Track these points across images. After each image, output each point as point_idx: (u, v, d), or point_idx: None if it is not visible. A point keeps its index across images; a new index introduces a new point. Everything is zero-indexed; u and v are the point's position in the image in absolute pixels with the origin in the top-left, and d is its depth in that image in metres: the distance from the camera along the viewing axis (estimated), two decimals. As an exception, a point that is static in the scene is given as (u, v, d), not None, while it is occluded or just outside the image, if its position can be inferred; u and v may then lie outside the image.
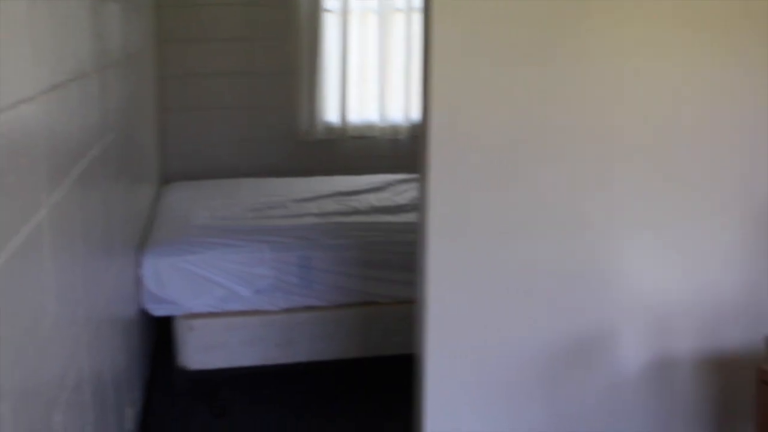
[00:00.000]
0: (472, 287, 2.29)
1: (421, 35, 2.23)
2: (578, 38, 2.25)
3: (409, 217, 3.74)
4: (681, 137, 2.36)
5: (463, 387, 2.34)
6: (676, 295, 2.44)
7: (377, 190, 4.50)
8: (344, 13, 5.10)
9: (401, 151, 5.18)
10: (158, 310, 3.47)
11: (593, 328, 2.40)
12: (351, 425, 3.40)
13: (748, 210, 2.44)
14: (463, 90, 2.19)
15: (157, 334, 3.84)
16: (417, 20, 4.97)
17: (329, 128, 5.29)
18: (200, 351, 3.51)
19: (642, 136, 2.33)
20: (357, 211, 4.07)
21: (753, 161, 2.41)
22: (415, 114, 5.17)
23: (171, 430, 3.34)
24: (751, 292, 2.49)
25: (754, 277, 2.48)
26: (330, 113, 5.28)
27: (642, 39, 2.28)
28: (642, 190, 2.36)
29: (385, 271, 3.61)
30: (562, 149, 2.29)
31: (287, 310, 3.59)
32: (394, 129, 5.32)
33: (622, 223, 2.36)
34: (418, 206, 2.34)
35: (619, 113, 2.31)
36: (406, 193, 4.33)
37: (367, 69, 5.27)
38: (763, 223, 2.45)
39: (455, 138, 2.20)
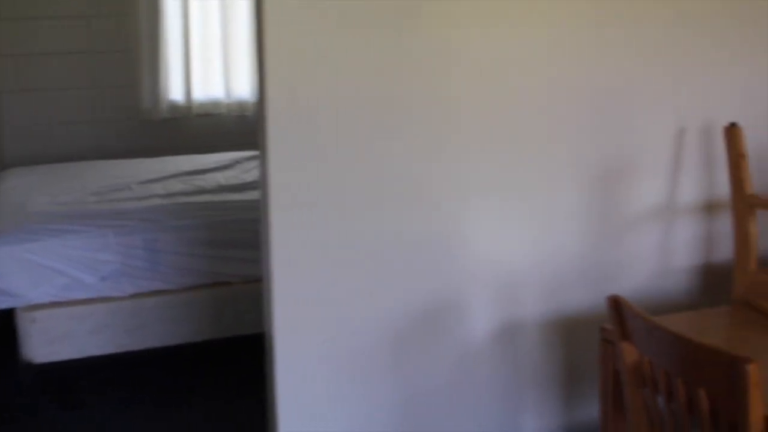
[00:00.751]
0: (318, 262, 2.27)
1: (253, 4, 2.19)
2: (415, 7, 2.24)
3: (256, 195, 3.68)
4: (521, 105, 2.39)
5: (313, 363, 2.33)
6: (521, 260, 2.48)
7: (224, 168, 4.43)
8: (185, -13, 4.97)
9: (248, 128, 5.09)
10: (-3, 303, 3.33)
11: (441, 297, 2.41)
12: (209, 407, 3.35)
13: (587, 175, 2.50)
14: (299, 62, 2.15)
15: (-1, 328, 3.69)
16: (259, -6, 4.88)
17: (174, 106, 5.16)
18: (45, 343, 3.38)
19: (483, 104, 2.35)
20: (204, 191, 3.99)
21: (588, 128, 2.47)
22: (262, 89, 5.09)
23: (22, 426, 3.22)
24: (592, 255, 2.56)
25: (594, 239, 2.55)
26: (174, 91, 5.15)
27: (481, 7, 2.30)
28: (484, 159, 2.38)
29: (234, 251, 3.56)
30: (403, 119, 2.28)
31: (135, 296, 3.50)
32: (241, 105, 5.23)
33: (465, 192, 2.38)
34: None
35: (460, 81, 2.32)
36: (254, 171, 4.27)
37: (211, 44, 5.15)
38: (600, 188, 2.52)
39: (293, 111, 2.17)
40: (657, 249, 2.63)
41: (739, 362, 1.69)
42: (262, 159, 2.24)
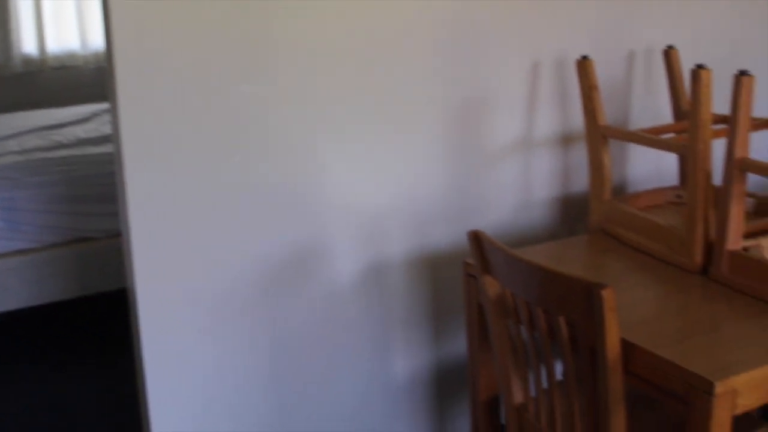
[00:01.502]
0: (177, 214, 2.22)
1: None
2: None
3: (116, 147, 3.59)
4: (376, 44, 2.38)
5: (178, 312, 2.29)
6: (384, 199, 2.49)
7: (82, 121, 4.30)
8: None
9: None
10: None
11: (305, 239, 2.41)
12: (81, 367, 3.28)
13: (446, 111, 2.51)
14: (147, 4, 2.08)
15: None
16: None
17: (27, 60, 4.96)
18: None
19: (338, 45, 2.33)
20: (62, 145, 3.87)
21: (444, 64, 2.48)
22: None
23: None
24: (454, 191, 2.59)
25: (455, 175, 2.58)
26: (27, 44, 4.95)
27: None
28: (342, 100, 2.37)
29: (95, 205, 3.47)
30: (259, 63, 2.24)
31: (-6, 257, 3.38)
32: (98, 57, 5.07)
33: (324, 134, 2.37)
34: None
35: (314, 23, 2.29)
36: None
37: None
38: (459, 124, 2.54)
39: (142, 58, 2.10)
40: (517, 182, 2.68)
41: (594, 288, 1.74)
42: (113, 110, 2.17)
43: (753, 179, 2.89)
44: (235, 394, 2.41)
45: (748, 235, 2.24)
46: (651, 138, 2.35)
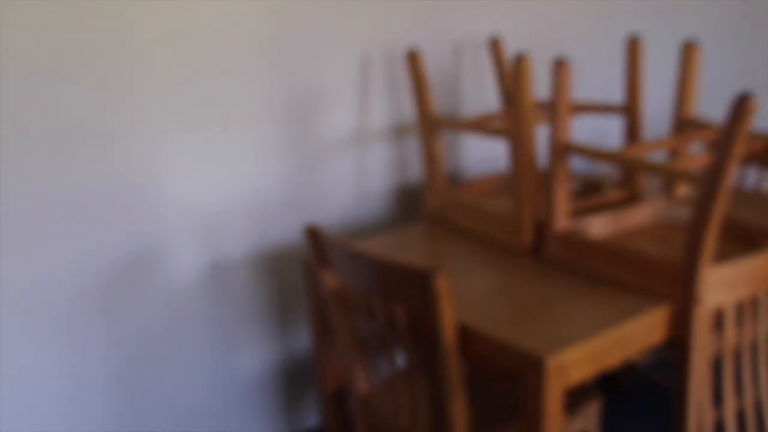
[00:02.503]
0: (8, 219, 2.14)
1: None
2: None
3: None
4: (208, 37, 2.35)
5: (21, 324, 2.21)
6: (222, 196, 2.47)
7: None
8: None
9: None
10: None
11: (144, 240, 2.36)
12: None
13: (280, 105, 2.51)
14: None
15: None
16: None
17: None
18: None
19: (168, 40, 2.29)
20: None
21: (277, 58, 2.47)
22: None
23: None
24: (292, 185, 2.59)
25: (293, 170, 2.58)
26: None
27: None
28: (174, 97, 2.33)
29: None
30: (85, 65, 2.18)
31: None
32: None
33: (157, 135, 2.33)
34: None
35: (141, 18, 2.24)
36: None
37: None
38: (294, 118, 2.54)
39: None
40: (355, 174, 2.71)
41: (427, 276, 1.78)
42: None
43: (581, 161, 3.02)
44: (70, 400, 2.34)
45: (575, 215, 2.33)
46: (479, 126, 2.41)
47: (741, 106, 1.75)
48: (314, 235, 2.07)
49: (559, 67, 2.07)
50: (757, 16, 3.74)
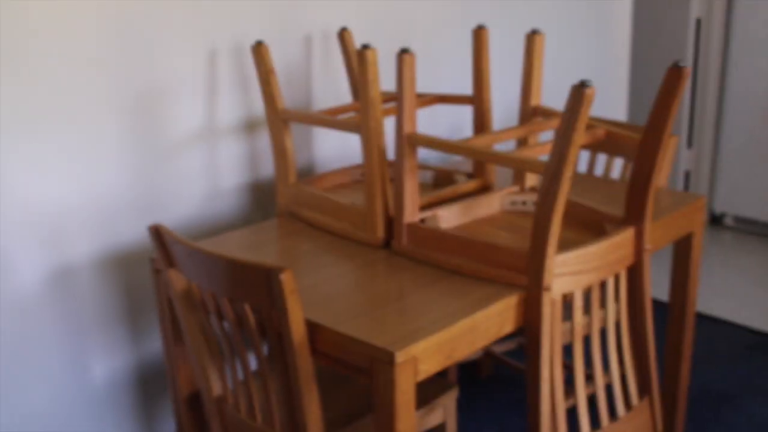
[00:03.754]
0: None
1: None
2: None
3: None
4: (48, 32, 2.24)
5: None
6: (66, 199, 2.37)
7: None
8: None
9: None
10: None
11: (-21, 251, 2.25)
12: None
13: (126, 101, 2.42)
14: None
15: None
16: None
17: None
18: None
19: (3, 34, 2.17)
20: None
21: (122, 53, 2.38)
22: None
23: None
24: (140, 185, 2.50)
25: (140, 169, 2.49)
26: None
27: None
28: (11, 96, 2.22)
29: None
30: None
31: None
32: None
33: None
34: None
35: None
36: None
37: None
38: (141, 114, 2.46)
39: None
40: (205, 172, 2.64)
41: (273, 273, 1.74)
42: None
43: (437, 153, 3.02)
44: None
45: (427, 207, 2.33)
46: (328, 119, 2.38)
47: (579, 95, 1.77)
48: (159, 235, 2.00)
49: (402, 57, 2.05)
50: (601, 7, 3.84)
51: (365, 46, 2.13)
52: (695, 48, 4.69)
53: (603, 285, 2.14)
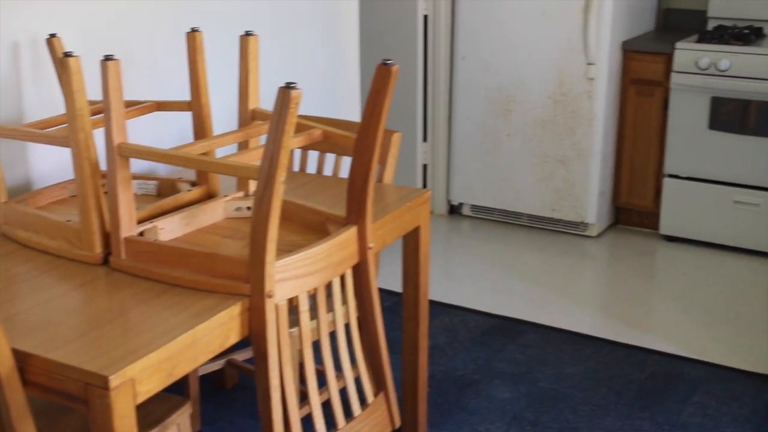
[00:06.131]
0: None
1: None
2: None
3: None
4: None
5: None
6: None
7: None
8: None
9: None
10: None
11: None
12: None
13: None
14: None
15: None
16: None
17: None
18: None
19: None
20: None
21: None
22: None
23: None
24: None
25: None
26: None
27: None
28: None
29: None
30: None
31: None
32: None
33: None
34: None
35: None
36: None
37: None
38: None
39: None
40: None
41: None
42: None
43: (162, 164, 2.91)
44: None
45: (149, 219, 2.24)
46: (33, 133, 2.25)
47: (285, 97, 1.75)
48: None
49: (106, 65, 1.96)
50: (327, 7, 3.86)
51: (67, 54, 2.02)
52: (424, 43, 4.83)
53: (329, 287, 2.13)
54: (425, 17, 4.80)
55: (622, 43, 4.53)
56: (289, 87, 1.74)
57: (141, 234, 2.14)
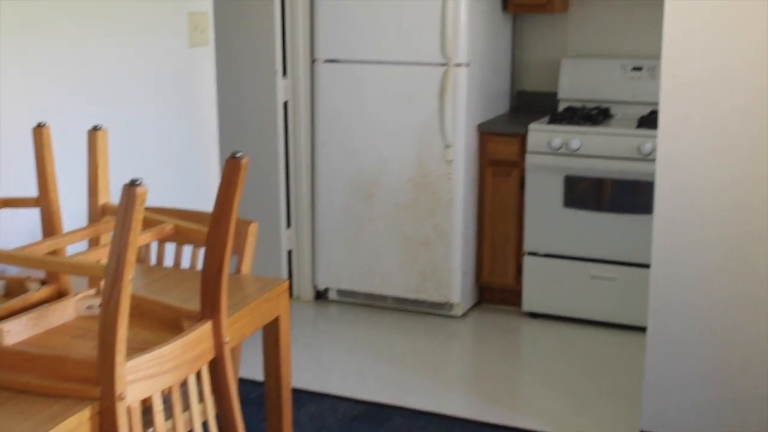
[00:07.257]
0: None
1: None
2: None
3: None
4: None
5: None
6: None
7: None
8: None
9: None
10: None
11: None
12: None
13: None
14: None
15: None
16: None
17: None
18: None
19: None
20: None
21: None
22: None
23: None
24: None
25: None
26: None
27: None
28: None
29: None
30: None
31: None
32: None
33: None
34: None
35: None
36: None
37: None
38: None
39: None
40: None
41: None
42: None
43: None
44: None
45: (-6, 322, 2.15)
46: None
47: (130, 194, 1.71)
48: None
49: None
50: (185, 96, 3.84)
51: None
52: (285, 130, 4.85)
53: (184, 384, 2.08)
54: (285, 104, 4.84)
55: (477, 126, 4.66)
56: (134, 184, 1.71)
57: (-16, 338, 2.04)
